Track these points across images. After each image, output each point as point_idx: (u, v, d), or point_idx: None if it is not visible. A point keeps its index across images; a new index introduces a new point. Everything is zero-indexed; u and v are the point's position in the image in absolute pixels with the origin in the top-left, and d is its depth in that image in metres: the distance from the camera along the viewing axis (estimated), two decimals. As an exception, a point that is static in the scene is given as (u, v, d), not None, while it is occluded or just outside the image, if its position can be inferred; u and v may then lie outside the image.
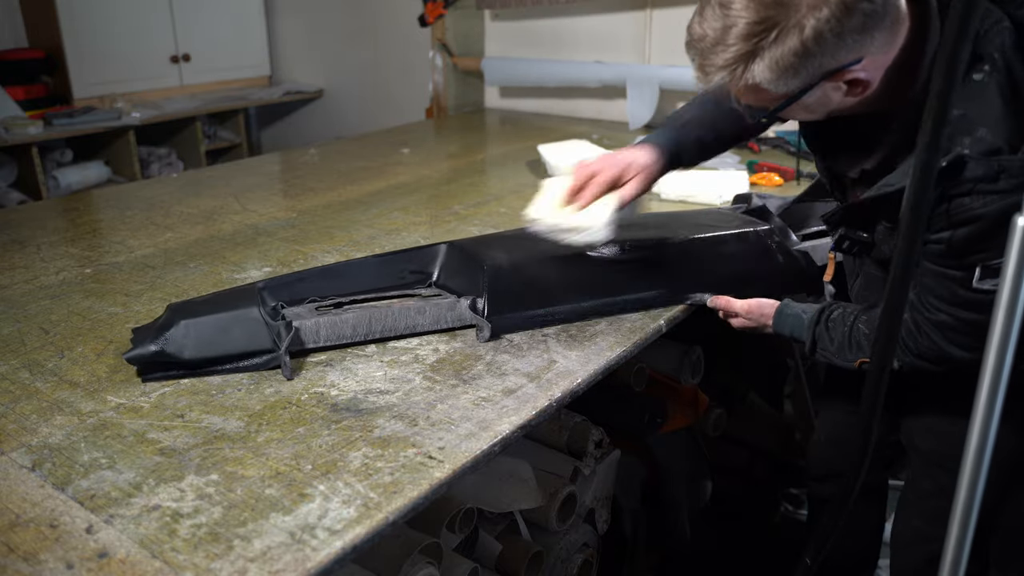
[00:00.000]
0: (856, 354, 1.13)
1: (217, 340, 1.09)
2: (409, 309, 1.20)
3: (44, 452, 0.92)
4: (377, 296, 1.28)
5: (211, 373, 1.08)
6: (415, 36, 3.43)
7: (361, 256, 1.47)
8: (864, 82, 0.93)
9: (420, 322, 1.21)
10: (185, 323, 1.09)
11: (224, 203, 1.95)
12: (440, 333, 1.22)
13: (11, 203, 3.13)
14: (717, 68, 0.93)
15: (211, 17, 4.00)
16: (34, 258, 1.57)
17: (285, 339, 1.09)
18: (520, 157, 2.42)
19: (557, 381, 1.08)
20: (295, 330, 1.11)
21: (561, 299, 1.26)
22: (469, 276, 1.27)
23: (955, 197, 0.92)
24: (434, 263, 1.34)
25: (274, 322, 1.12)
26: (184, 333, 1.08)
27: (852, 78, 0.92)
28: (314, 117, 4.29)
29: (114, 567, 0.73)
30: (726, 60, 0.91)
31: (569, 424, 1.45)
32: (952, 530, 0.73)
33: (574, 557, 1.41)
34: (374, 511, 0.81)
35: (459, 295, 1.26)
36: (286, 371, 1.07)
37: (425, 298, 1.27)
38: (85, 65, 3.54)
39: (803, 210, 1.65)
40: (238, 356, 1.09)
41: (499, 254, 1.28)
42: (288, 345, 1.09)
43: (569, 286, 1.27)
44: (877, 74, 0.94)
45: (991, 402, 0.67)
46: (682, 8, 2.81)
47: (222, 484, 0.85)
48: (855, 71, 0.91)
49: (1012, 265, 0.63)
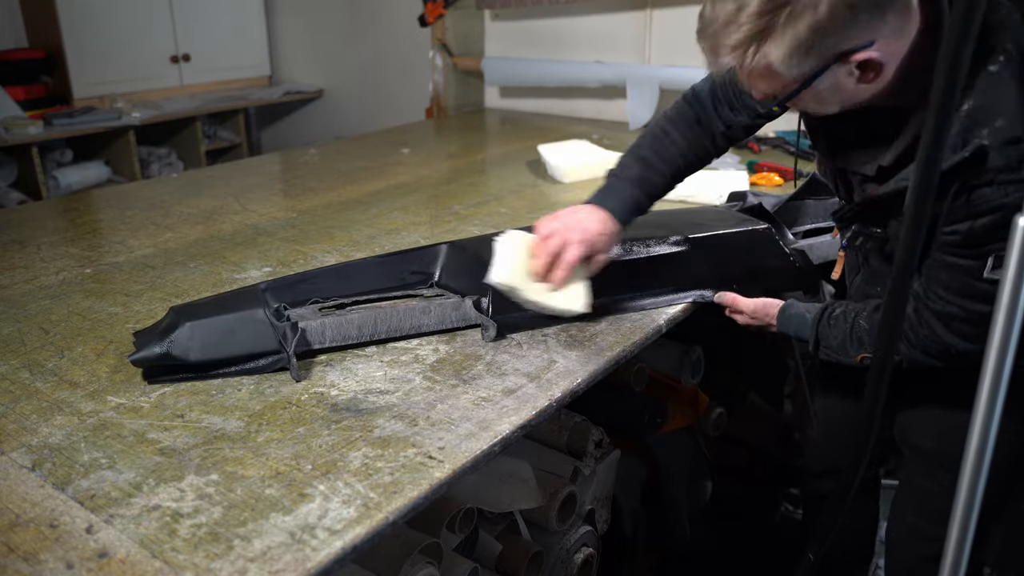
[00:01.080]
0: (857, 349, 1.14)
1: (222, 342, 1.09)
2: (414, 309, 1.20)
3: (44, 452, 0.92)
4: (380, 297, 1.28)
5: (217, 376, 1.08)
6: (415, 36, 3.43)
7: (362, 256, 1.47)
8: (877, 65, 0.93)
9: (425, 322, 1.21)
10: (190, 325, 1.09)
11: (224, 203, 1.95)
12: (440, 333, 1.22)
13: (11, 203, 3.13)
14: (729, 49, 0.93)
15: (211, 17, 4.00)
16: (34, 258, 1.57)
17: (291, 340, 1.09)
18: (520, 157, 2.42)
19: (557, 381, 1.08)
20: (301, 331, 1.11)
21: None
22: (471, 276, 1.27)
23: (976, 188, 0.93)
24: (435, 263, 1.35)
25: (279, 323, 1.12)
26: (189, 335, 1.08)
27: (865, 58, 0.92)
28: (314, 117, 4.29)
29: (114, 567, 0.73)
30: (738, 40, 0.91)
31: (569, 424, 1.45)
32: (952, 530, 0.73)
33: (574, 557, 1.41)
34: (374, 511, 0.81)
35: (462, 295, 1.26)
36: (294, 373, 1.07)
37: (428, 298, 1.27)
38: (85, 65, 3.54)
39: (798, 208, 1.65)
40: (244, 358, 1.09)
41: None
42: (295, 346, 1.09)
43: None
44: (890, 60, 0.94)
45: (991, 402, 0.67)
46: (682, 8, 2.81)
47: (222, 484, 0.85)
48: (868, 52, 0.91)
49: (1012, 265, 0.63)
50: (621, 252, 1.33)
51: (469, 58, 3.27)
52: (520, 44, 3.25)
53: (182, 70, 3.95)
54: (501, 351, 1.17)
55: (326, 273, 1.30)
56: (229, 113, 4.10)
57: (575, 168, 2.12)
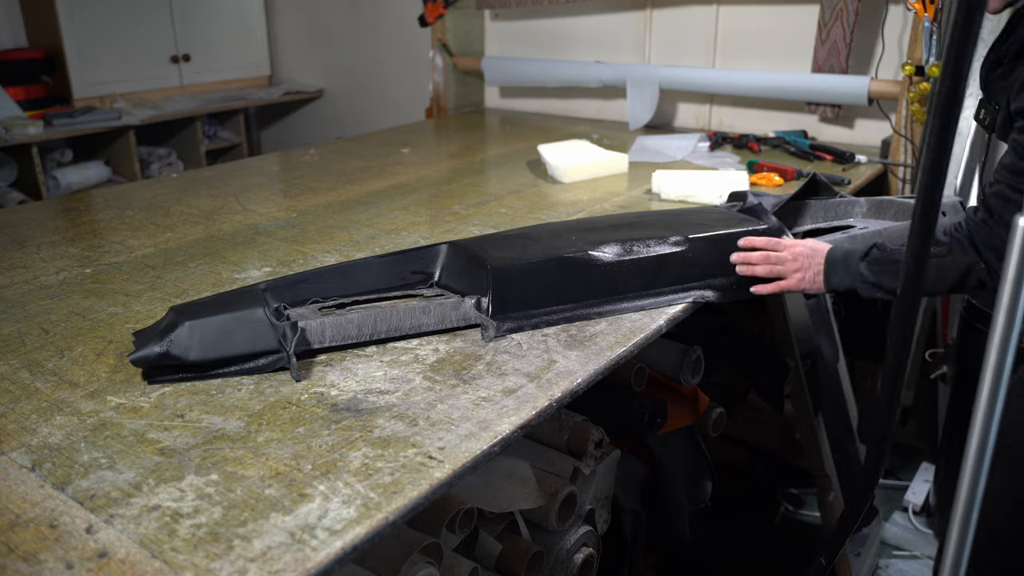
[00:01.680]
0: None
1: (222, 342, 1.09)
2: (414, 309, 1.20)
3: (44, 452, 0.91)
4: (380, 297, 1.28)
5: (217, 376, 1.08)
6: (415, 36, 3.43)
7: (362, 256, 1.47)
8: None
9: (425, 322, 1.21)
10: (189, 324, 1.09)
11: (224, 203, 1.95)
12: (440, 333, 1.22)
13: (11, 203, 3.12)
14: None
15: (211, 17, 4.00)
16: (34, 258, 1.57)
17: (291, 340, 1.09)
18: (520, 157, 2.42)
19: (557, 381, 1.08)
20: (301, 330, 1.11)
21: (564, 299, 1.27)
22: (472, 276, 1.27)
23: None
24: (435, 263, 1.35)
25: (279, 323, 1.12)
26: (189, 335, 1.08)
27: None
28: (314, 117, 4.29)
29: (114, 567, 0.73)
30: None
31: (569, 424, 1.44)
32: (952, 530, 0.73)
33: (574, 557, 1.41)
34: (374, 511, 0.80)
35: (462, 295, 1.26)
36: (294, 372, 1.07)
37: (428, 298, 1.27)
38: (85, 65, 3.54)
39: (798, 208, 1.65)
40: (243, 357, 1.09)
41: (502, 254, 1.29)
42: (294, 346, 1.09)
43: (572, 286, 1.28)
44: None
45: (992, 402, 0.67)
46: (682, 8, 2.81)
47: (222, 484, 0.85)
48: None
49: (1012, 265, 0.63)
50: (621, 252, 1.33)
51: (469, 58, 3.27)
52: (520, 44, 3.25)
53: (182, 70, 3.95)
54: (501, 351, 1.17)
55: (326, 273, 1.30)
56: (229, 113, 4.10)
57: (575, 168, 2.12)
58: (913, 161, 2.29)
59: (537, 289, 1.26)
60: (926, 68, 2.13)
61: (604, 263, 1.31)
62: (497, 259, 1.26)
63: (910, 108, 2.24)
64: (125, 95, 3.66)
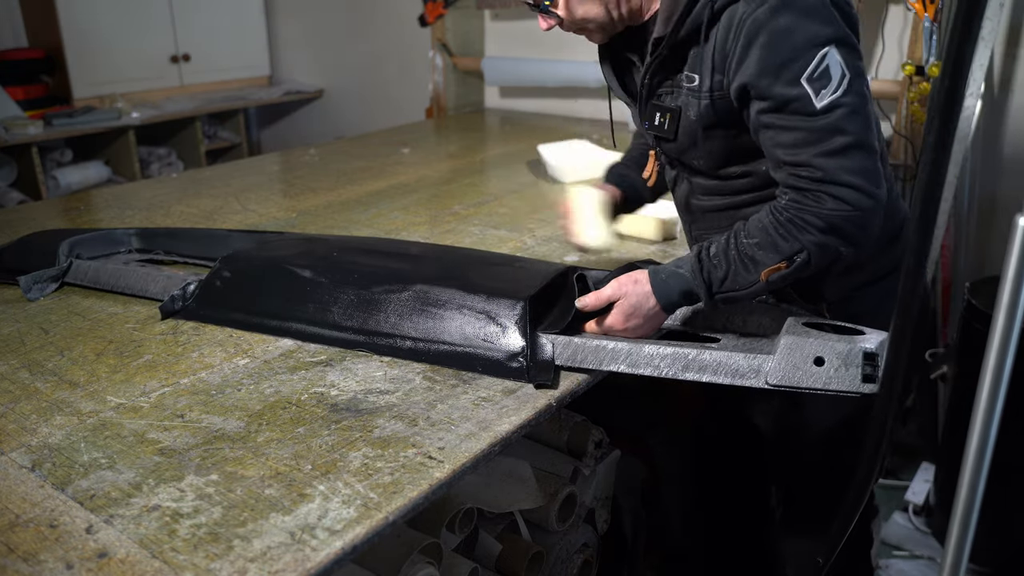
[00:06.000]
0: (756, 269, 1.02)
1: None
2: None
3: (44, 452, 0.91)
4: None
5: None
6: (415, 36, 3.43)
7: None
8: None
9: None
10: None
11: (224, 203, 1.95)
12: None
13: (11, 203, 3.12)
14: None
15: (211, 17, 4.00)
16: (34, 258, 1.56)
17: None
18: (520, 157, 2.42)
19: (557, 381, 1.08)
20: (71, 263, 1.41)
21: (267, 308, 1.24)
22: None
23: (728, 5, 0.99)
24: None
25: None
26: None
27: None
28: (314, 117, 4.29)
29: (114, 567, 0.73)
30: None
31: (569, 424, 1.44)
32: (952, 530, 0.73)
33: (574, 557, 1.41)
34: (374, 511, 0.80)
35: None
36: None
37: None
38: (85, 65, 3.54)
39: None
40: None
41: (249, 249, 1.38)
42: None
43: (272, 296, 1.26)
44: None
45: (991, 402, 0.67)
46: (682, 8, 2.81)
47: (222, 484, 0.85)
48: None
49: (1012, 265, 0.63)
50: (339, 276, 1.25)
51: (469, 58, 3.27)
52: (520, 44, 3.24)
53: (182, 70, 3.95)
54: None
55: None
56: (229, 113, 4.10)
57: (575, 168, 2.12)
58: (913, 161, 2.29)
59: (245, 293, 1.27)
60: (926, 68, 2.13)
61: (305, 279, 1.25)
62: (233, 253, 1.35)
63: (910, 108, 2.24)
64: (125, 95, 3.66)
